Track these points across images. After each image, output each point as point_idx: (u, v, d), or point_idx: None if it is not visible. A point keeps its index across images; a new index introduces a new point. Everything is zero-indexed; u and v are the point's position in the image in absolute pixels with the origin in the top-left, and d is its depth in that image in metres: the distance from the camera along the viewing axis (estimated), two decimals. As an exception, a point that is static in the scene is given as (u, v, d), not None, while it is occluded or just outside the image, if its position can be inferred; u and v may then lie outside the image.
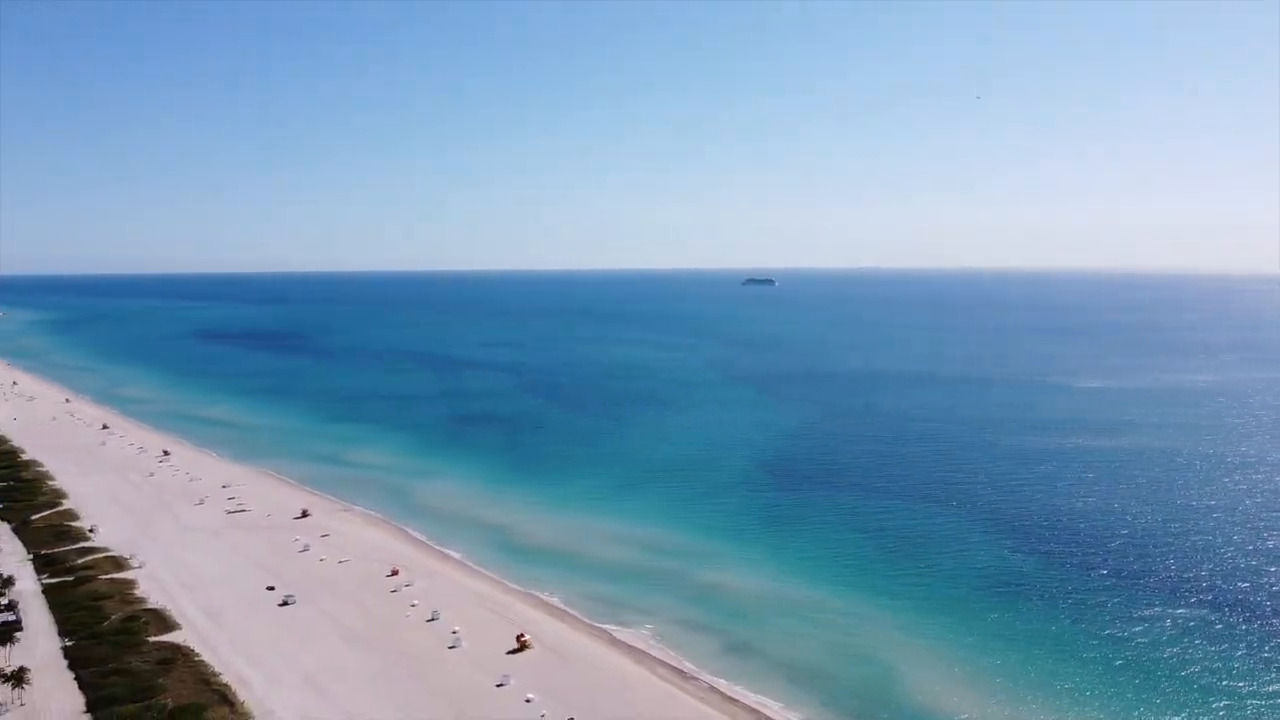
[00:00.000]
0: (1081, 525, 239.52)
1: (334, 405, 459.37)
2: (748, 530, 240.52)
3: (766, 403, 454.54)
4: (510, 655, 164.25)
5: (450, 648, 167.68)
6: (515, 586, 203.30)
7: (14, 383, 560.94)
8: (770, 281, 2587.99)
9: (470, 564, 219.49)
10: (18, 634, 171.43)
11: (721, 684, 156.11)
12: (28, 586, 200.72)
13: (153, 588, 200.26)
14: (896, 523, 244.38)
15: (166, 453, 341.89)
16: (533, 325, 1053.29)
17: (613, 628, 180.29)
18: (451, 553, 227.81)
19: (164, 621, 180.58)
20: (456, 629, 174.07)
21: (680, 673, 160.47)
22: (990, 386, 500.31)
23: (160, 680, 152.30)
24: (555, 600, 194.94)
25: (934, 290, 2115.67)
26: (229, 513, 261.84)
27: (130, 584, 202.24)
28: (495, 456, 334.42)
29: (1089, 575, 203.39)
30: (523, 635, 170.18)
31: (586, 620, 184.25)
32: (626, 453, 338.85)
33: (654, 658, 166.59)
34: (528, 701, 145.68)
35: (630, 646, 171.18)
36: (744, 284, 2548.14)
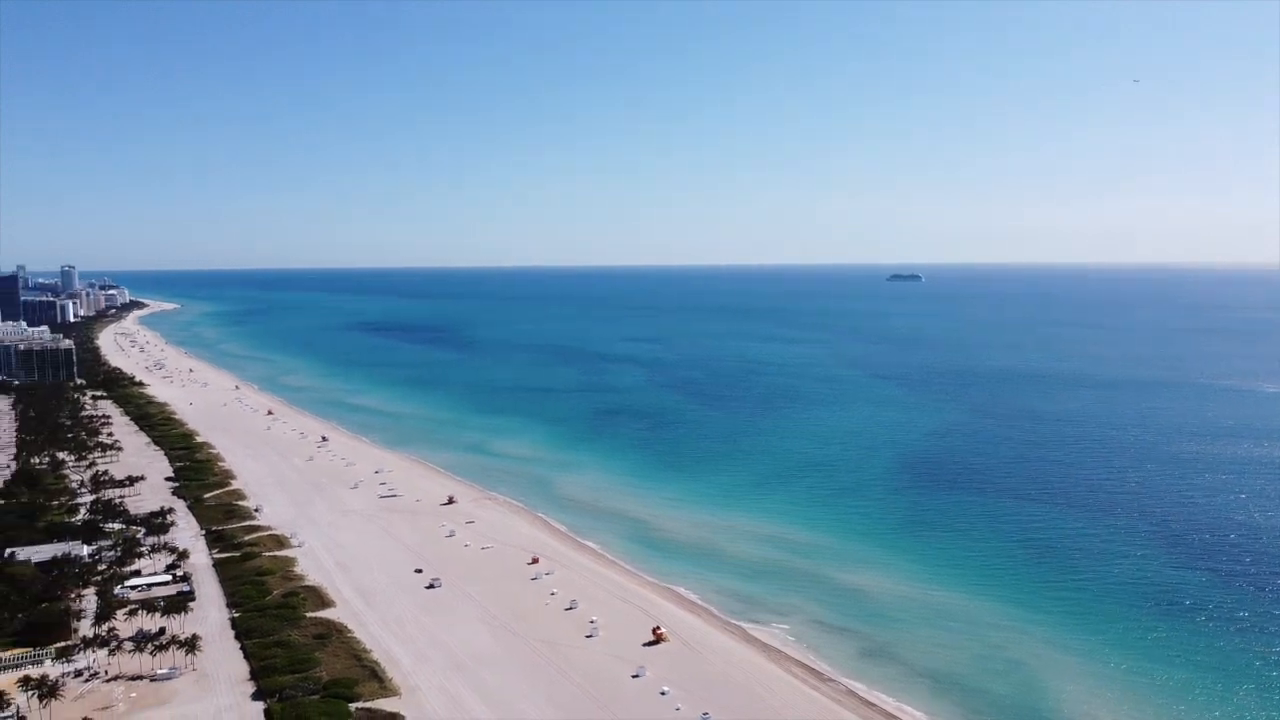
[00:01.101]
0: (1257, 541, 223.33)
1: (479, 396, 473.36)
2: (889, 532, 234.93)
3: (911, 401, 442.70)
4: (646, 647, 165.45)
5: (588, 636, 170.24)
6: (652, 579, 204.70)
7: (190, 370, 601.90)
8: (916, 277, 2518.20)
9: (608, 555, 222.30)
10: (191, 604, 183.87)
11: (859, 687, 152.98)
12: (200, 560, 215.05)
13: (310, 566, 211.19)
14: (1048, 531, 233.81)
15: (325, 438, 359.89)
16: (672, 321, 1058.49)
17: (748, 625, 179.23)
18: (590, 543, 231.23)
19: (320, 598, 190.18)
20: (594, 619, 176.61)
21: (816, 673, 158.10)
22: (1153, 389, 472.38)
23: (316, 654, 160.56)
24: (691, 595, 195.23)
25: (1092, 288, 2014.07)
26: (381, 497, 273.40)
27: (291, 561, 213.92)
28: (634, 451, 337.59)
29: (1262, 595, 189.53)
30: (659, 628, 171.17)
31: (722, 616, 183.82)
32: (765, 449, 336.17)
33: (790, 657, 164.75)
34: (663, 694, 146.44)
35: (766, 644, 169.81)
36: (889, 279, 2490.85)
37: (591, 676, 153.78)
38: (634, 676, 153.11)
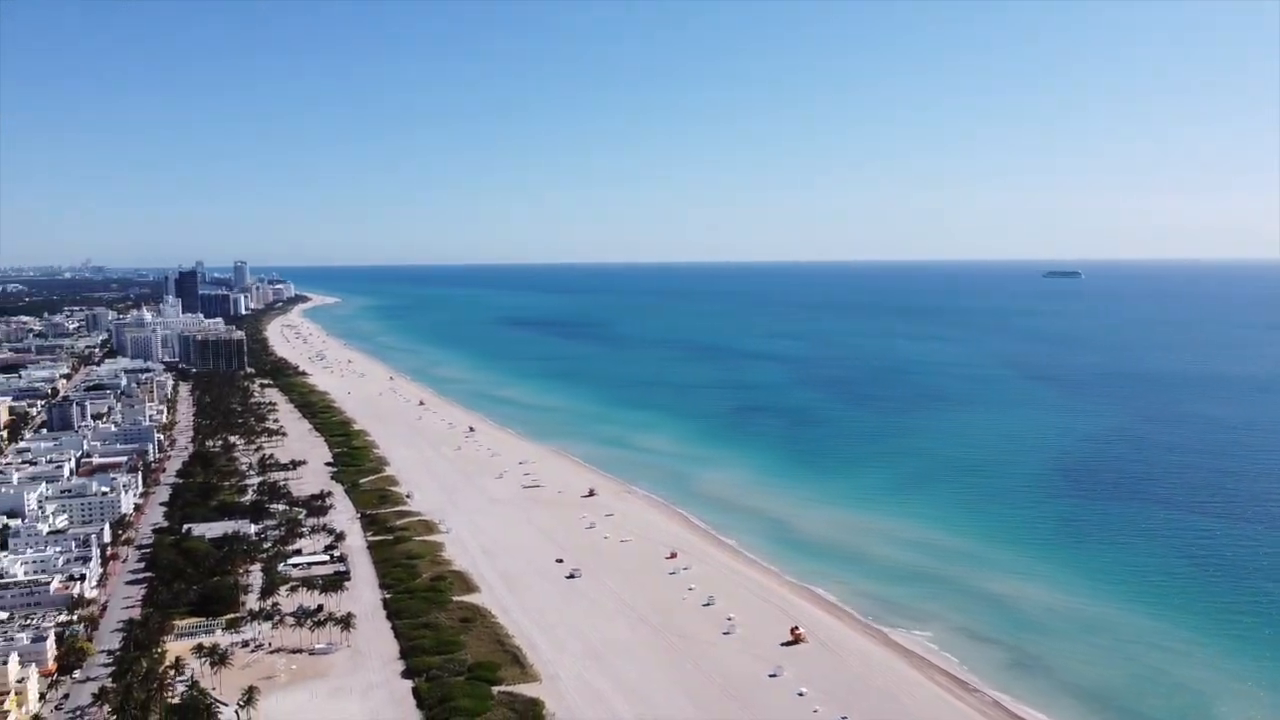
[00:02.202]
0: None
1: (621, 391, 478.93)
2: (1041, 539, 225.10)
3: (1067, 404, 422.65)
4: (784, 647, 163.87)
5: (725, 633, 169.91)
6: (790, 579, 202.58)
7: (349, 361, 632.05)
8: (1075, 274, 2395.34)
9: (746, 553, 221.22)
10: (346, 584, 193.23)
11: (1005, 699, 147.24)
12: (356, 542, 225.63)
13: (458, 551, 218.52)
14: (1218, 546, 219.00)
15: (472, 429, 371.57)
16: (815, 318, 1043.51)
17: (889, 629, 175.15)
18: (728, 540, 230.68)
19: (466, 583, 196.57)
20: (731, 616, 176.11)
21: (960, 682, 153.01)
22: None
23: (462, 637, 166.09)
24: (831, 596, 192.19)
25: (1270, 285, 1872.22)
26: (524, 487, 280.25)
27: (439, 546, 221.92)
28: (775, 448, 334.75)
29: None
30: (797, 628, 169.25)
31: (863, 619, 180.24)
32: (910, 451, 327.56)
33: (932, 664, 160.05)
34: (800, 695, 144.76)
35: (908, 650, 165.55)
36: (1044, 277, 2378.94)
37: (728, 674, 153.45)
38: (771, 676, 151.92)
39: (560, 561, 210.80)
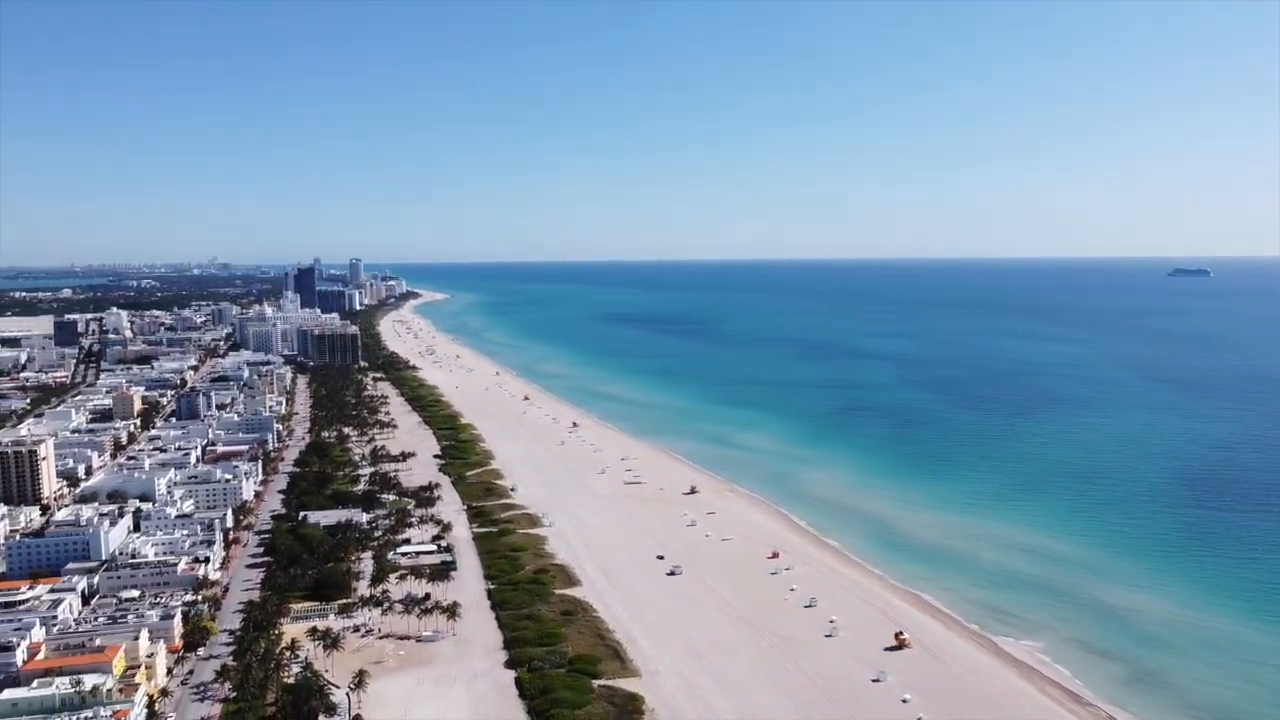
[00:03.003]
0: None
1: (724, 389, 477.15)
2: (1161, 550, 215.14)
3: (1194, 409, 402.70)
4: (888, 652, 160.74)
5: (827, 636, 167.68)
6: (894, 582, 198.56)
7: (457, 356, 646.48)
8: (1204, 272, 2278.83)
9: (850, 554, 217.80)
10: (453, 574, 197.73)
11: (1121, 715, 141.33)
12: (462, 533, 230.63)
13: (560, 545, 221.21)
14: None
15: (575, 424, 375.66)
16: (922, 316, 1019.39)
17: (999, 638, 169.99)
18: (831, 541, 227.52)
19: (568, 577, 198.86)
20: (834, 618, 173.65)
21: (1073, 695, 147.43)
22: None
23: (563, 629, 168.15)
24: (937, 602, 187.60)
25: None
26: (626, 483, 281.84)
27: (542, 540, 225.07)
28: (881, 449, 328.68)
29: None
30: (901, 633, 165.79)
31: (971, 626, 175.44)
32: (1024, 454, 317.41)
33: (1044, 675, 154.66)
34: (904, 701, 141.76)
35: (1018, 660, 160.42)
36: (1170, 275, 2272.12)
37: (829, 676, 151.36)
38: (874, 680, 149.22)
39: (661, 558, 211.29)
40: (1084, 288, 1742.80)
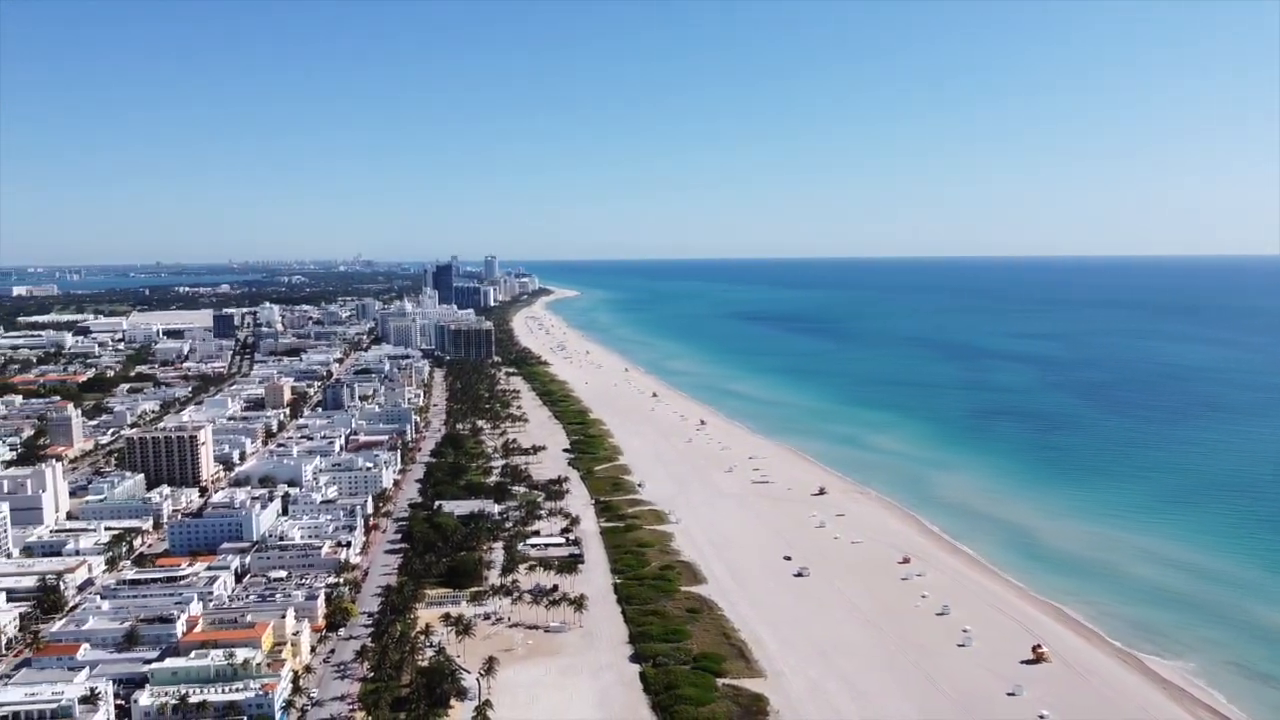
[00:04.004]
0: None
1: (854, 388, 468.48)
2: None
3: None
4: (1024, 665, 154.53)
5: (960, 645, 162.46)
6: (1033, 593, 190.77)
7: (587, 352, 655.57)
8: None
9: (985, 562, 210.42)
10: (580, 566, 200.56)
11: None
12: (589, 527, 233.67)
13: (686, 543, 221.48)
14: None
15: (703, 422, 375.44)
16: (1066, 316, 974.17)
17: (1145, 656, 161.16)
18: (966, 548, 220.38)
19: (693, 574, 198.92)
20: (967, 628, 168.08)
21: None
22: None
23: (688, 626, 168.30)
24: (1079, 615, 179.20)
25: None
26: (753, 482, 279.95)
27: (668, 536, 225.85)
28: (1020, 454, 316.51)
29: None
30: (1039, 646, 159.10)
31: (1115, 642, 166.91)
32: (1176, 464, 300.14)
33: (1194, 698, 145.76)
34: (1041, 718, 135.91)
35: (1165, 680, 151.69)
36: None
37: (962, 688, 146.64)
38: (1009, 694, 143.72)
39: (788, 559, 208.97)
40: (1218, 286, 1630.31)
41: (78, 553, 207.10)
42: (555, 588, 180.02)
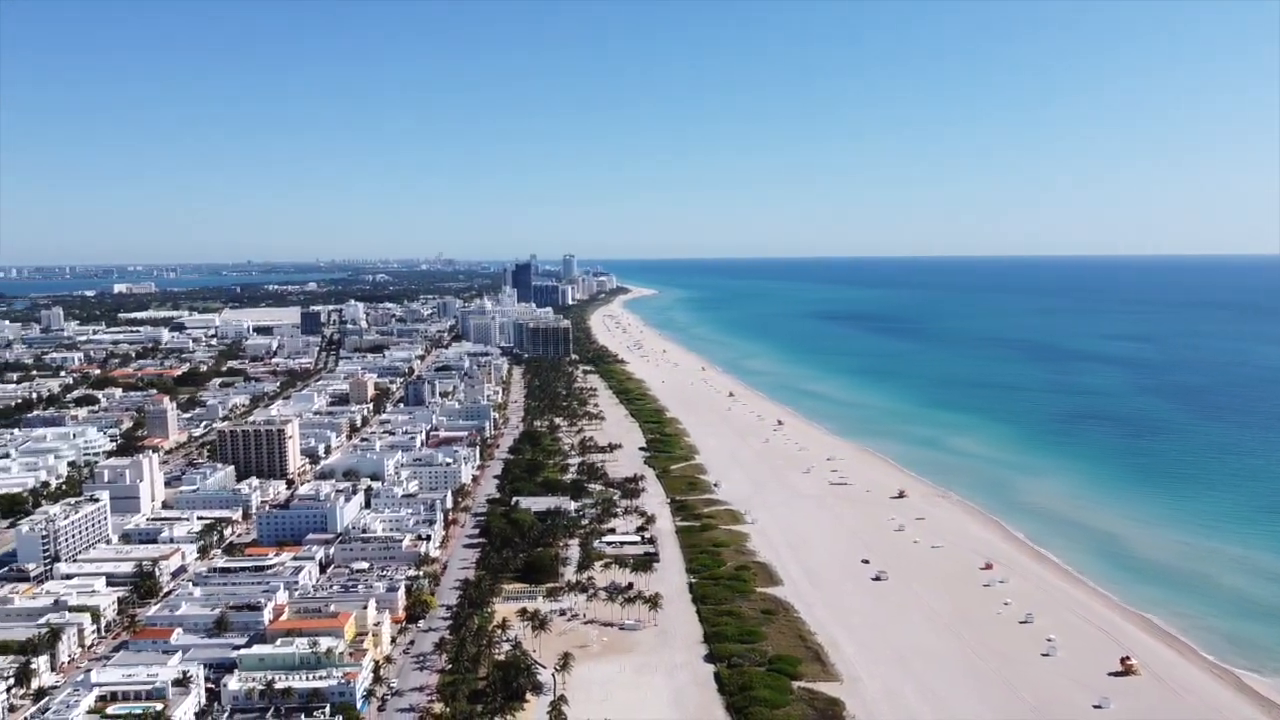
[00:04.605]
0: None
1: (936, 390, 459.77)
2: None
3: None
4: (1112, 677, 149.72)
5: (1044, 655, 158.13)
6: (1122, 603, 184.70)
7: (664, 350, 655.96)
8: None
9: (1072, 570, 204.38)
10: (655, 565, 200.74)
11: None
12: (665, 526, 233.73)
13: (762, 543, 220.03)
14: None
15: (780, 422, 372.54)
16: (1156, 317, 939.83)
17: (1244, 672, 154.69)
18: (1051, 555, 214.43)
19: (769, 575, 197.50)
20: (1052, 636, 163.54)
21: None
22: None
23: (763, 628, 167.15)
24: (1169, 627, 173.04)
25: None
26: (831, 484, 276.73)
27: (744, 536, 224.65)
28: (1109, 459, 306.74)
29: None
30: (1128, 658, 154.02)
31: (1209, 656, 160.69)
32: (1273, 470, 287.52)
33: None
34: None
35: (1265, 699, 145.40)
36: None
37: (1045, 698, 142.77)
38: (1096, 707, 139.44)
39: (866, 562, 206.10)
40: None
41: (172, 540, 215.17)
42: (630, 585, 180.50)
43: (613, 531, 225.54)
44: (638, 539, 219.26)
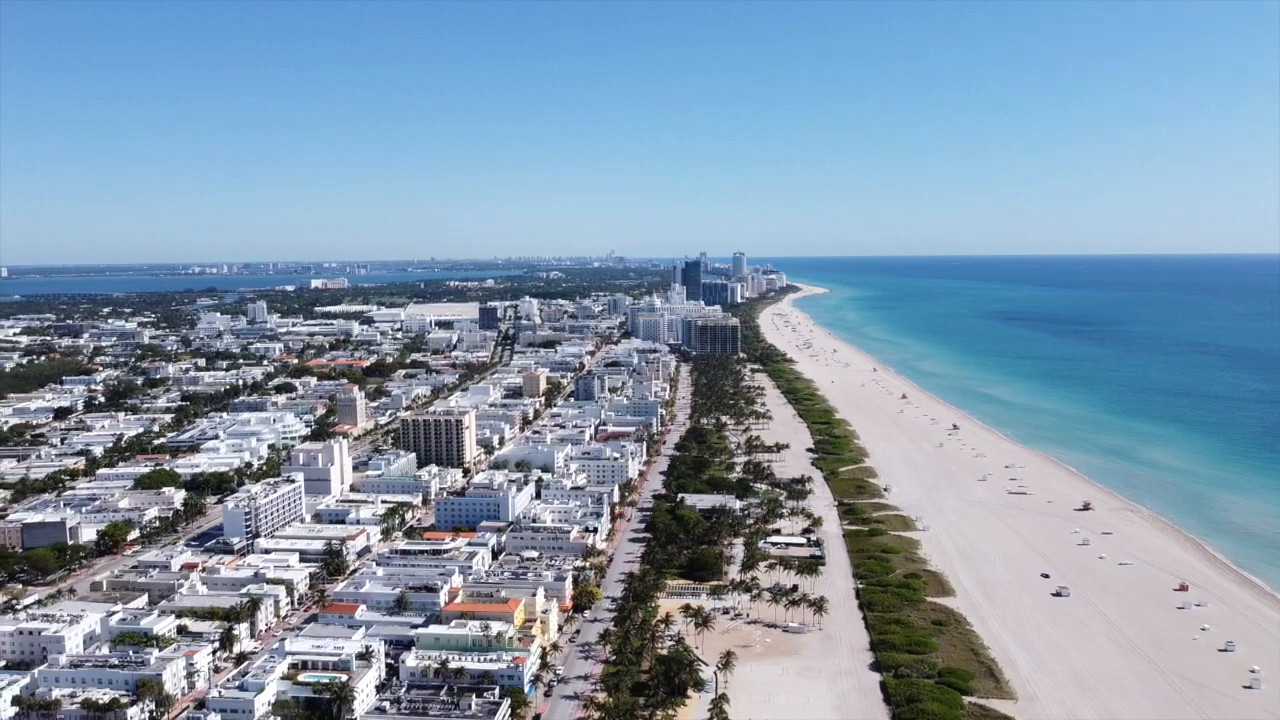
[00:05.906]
0: None
1: (1126, 397, 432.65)
2: None
3: None
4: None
5: (1246, 687, 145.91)
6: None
7: (834, 350, 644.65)
8: None
9: (1279, 596, 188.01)
10: (821, 568, 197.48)
11: None
12: (831, 529, 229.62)
13: (934, 551, 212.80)
14: None
15: (956, 426, 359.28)
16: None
17: None
18: (1257, 579, 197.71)
19: (941, 585, 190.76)
20: (1256, 668, 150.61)
21: None
22: None
23: (933, 639, 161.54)
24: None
25: None
26: (1009, 493, 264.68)
27: (915, 544, 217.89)
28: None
29: None
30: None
31: None
32: None
33: None
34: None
35: None
36: None
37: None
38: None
39: (1046, 576, 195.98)
40: None
41: (358, 522, 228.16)
42: (795, 588, 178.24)
43: (778, 532, 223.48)
44: (803, 541, 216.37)
